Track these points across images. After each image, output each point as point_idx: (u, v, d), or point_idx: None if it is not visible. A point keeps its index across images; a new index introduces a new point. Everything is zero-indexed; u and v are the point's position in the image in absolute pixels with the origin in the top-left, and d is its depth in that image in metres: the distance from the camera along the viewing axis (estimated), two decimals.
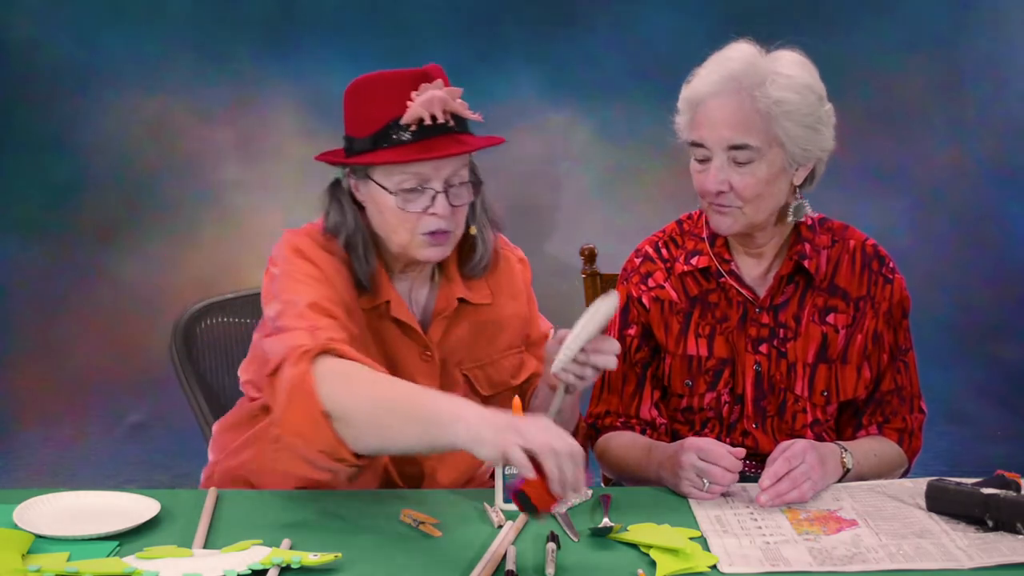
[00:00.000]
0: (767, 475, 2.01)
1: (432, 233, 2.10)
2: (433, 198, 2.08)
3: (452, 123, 2.08)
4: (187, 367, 2.56)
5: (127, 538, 1.86)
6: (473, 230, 2.21)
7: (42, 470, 4.52)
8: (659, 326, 2.29)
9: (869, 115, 5.47)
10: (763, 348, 2.24)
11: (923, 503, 1.96)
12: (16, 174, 5.45)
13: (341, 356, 1.93)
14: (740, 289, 2.25)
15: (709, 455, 2.00)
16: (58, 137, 5.46)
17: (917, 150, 5.59)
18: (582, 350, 1.99)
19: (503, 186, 5.32)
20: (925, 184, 5.57)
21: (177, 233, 5.46)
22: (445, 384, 2.21)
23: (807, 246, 2.23)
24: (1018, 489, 1.91)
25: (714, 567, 1.77)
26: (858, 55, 5.45)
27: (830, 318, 2.24)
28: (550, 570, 1.73)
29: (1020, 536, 1.84)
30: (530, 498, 1.69)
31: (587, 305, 2.67)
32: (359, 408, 1.89)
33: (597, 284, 2.68)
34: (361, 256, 2.13)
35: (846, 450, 2.15)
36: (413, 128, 2.06)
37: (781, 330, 2.24)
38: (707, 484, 2.00)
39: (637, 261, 2.35)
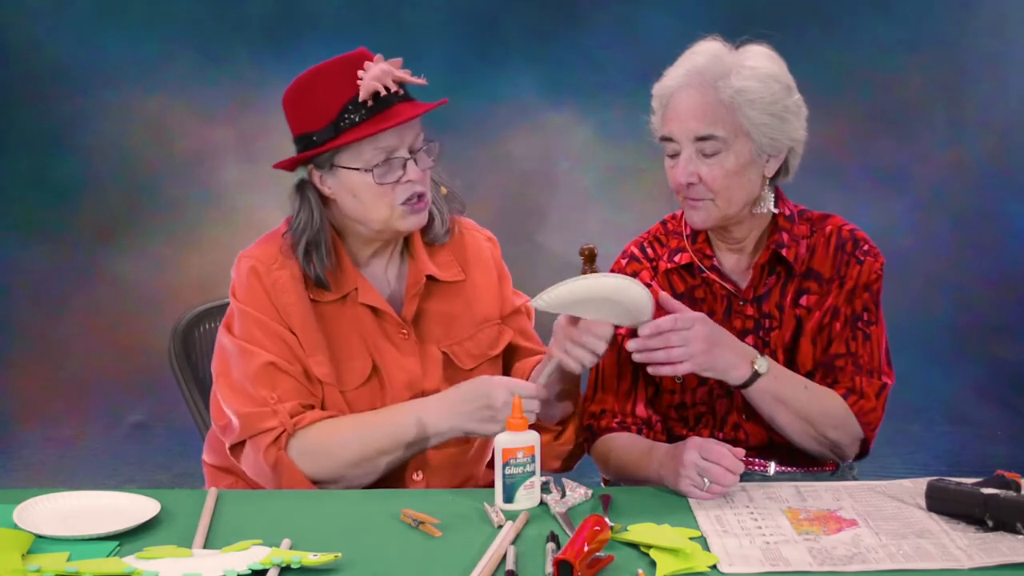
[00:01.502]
0: (649, 324, 2.07)
1: (409, 201, 2.18)
2: (404, 165, 2.17)
3: (401, 92, 2.18)
4: (186, 371, 2.57)
5: (127, 538, 1.86)
6: (444, 190, 2.30)
7: (42, 470, 4.52)
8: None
9: (869, 115, 5.47)
10: (749, 340, 2.25)
11: (923, 503, 1.96)
12: (16, 174, 5.45)
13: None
14: (723, 283, 2.26)
15: (711, 454, 2.00)
16: (58, 137, 5.46)
17: (917, 150, 5.59)
18: (577, 326, 2.10)
19: (503, 186, 5.37)
20: (925, 184, 5.57)
21: (177, 233, 5.46)
22: (424, 360, 2.28)
23: (785, 236, 2.25)
24: (1018, 489, 1.91)
25: (714, 567, 1.77)
26: (858, 55, 5.45)
27: (803, 300, 2.25)
28: (550, 570, 1.73)
29: (1020, 536, 1.84)
30: (572, 566, 1.70)
31: None
32: (344, 471, 2.15)
33: None
34: (323, 254, 2.21)
35: (762, 356, 2.14)
36: (370, 103, 2.14)
37: (766, 320, 2.25)
38: (707, 483, 2.00)
39: (623, 262, 2.37)
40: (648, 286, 2.31)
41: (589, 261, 2.70)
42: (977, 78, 5.61)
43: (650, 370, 2.12)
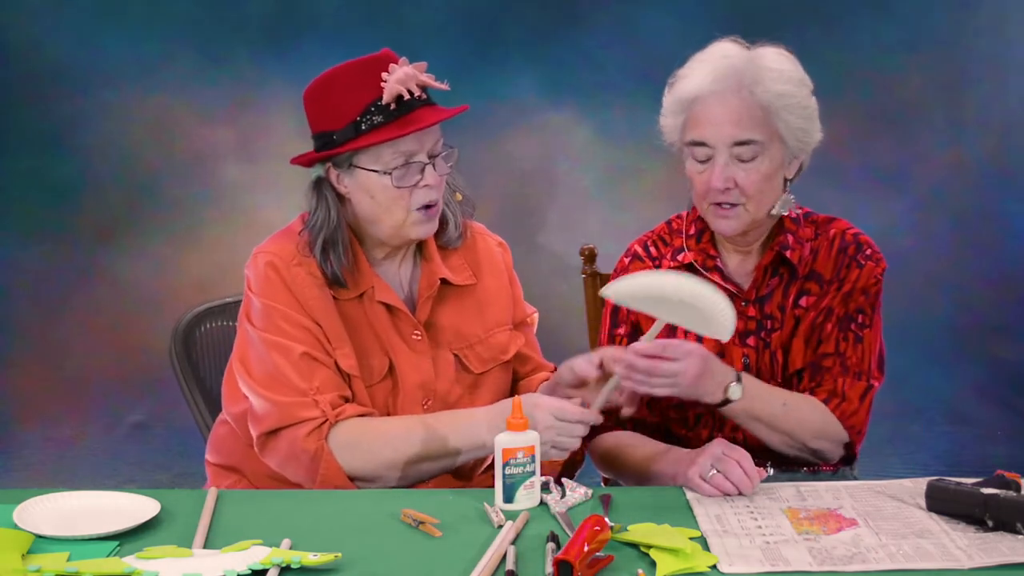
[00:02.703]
0: (638, 346, 2.05)
1: (424, 208, 2.18)
2: (422, 170, 2.17)
3: (424, 96, 2.18)
4: (187, 370, 2.57)
5: (127, 538, 1.86)
6: (459, 196, 2.30)
7: (42, 470, 4.52)
8: (648, 323, 2.29)
9: (869, 115, 5.47)
10: (750, 341, 2.25)
11: (923, 503, 1.96)
12: (16, 174, 5.45)
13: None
14: (724, 284, 2.26)
15: (734, 451, 2.03)
16: (58, 137, 5.46)
17: (917, 150, 5.59)
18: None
19: (503, 186, 5.37)
20: (925, 184, 5.57)
21: (177, 233, 5.46)
22: (436, 362, 2.28)
23: (790, 237, 2.25)
24: (1018, 489, 1.91)
25: (714, 567, 1.77)
26: (858, 55, 5.45)
27: (802, 301, 2.26)
28: (550, 570, 1.73)
29: (1020, 536, 1.84)
30: (572, 566, 1.70)
31: (586, 305, 2.68)
32: (383, 472, 2.14)
33: (597, 284, 2.68)
34: (340, 252, 2.20)
35: (739, 381, 2.13)
36: (392, 107, 2.14)
37: (768, 322, 2.26)
38: (712, 472, 2.00)
39: (626, 260, 2.37)
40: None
41: (589, 261, 2.71)
42: (977, 78, 5.60)
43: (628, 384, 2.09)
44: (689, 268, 2.29)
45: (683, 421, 2.30)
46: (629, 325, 2.32)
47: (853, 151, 5.24)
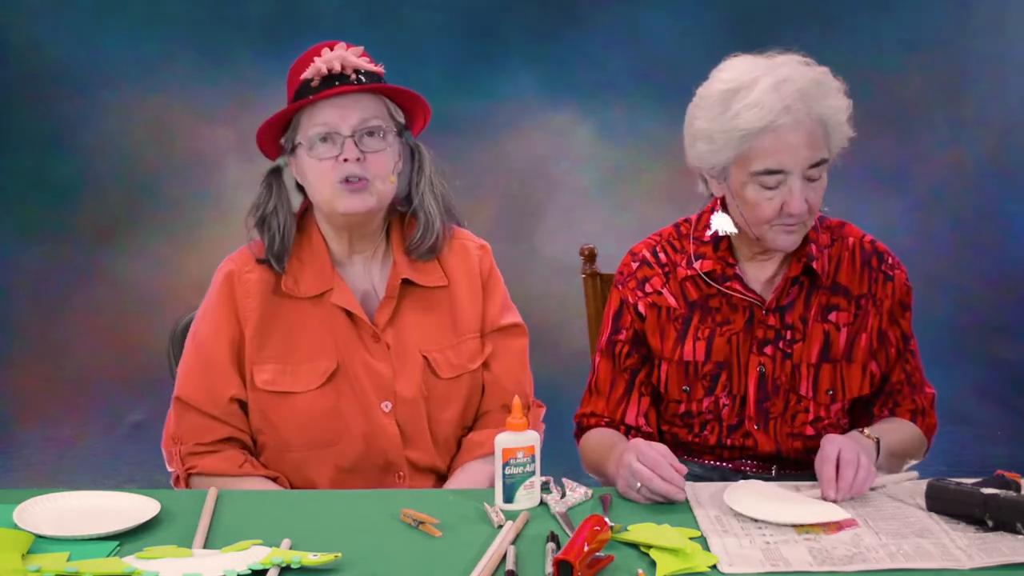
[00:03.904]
0: (832, 488, 1.98)
1: (347, 181, 2.19)
2: (342, 144, 2.19)
3: (362, 78, 2.20)
4: None
5: (127, 538, 1.86)
6: (392, 180, 2.25)
7: (42, 470, 4.52)
8: (654, 333, 2.28)
9: (869, 115, 5.43)
10: (768, 350, 2.23)
11: (923, 503, 1.96)
12: (16, 174, 5.45)
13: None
14: (746, 294, 2.24)
15: (646, 459, 1.98)
16: (58, 137, 5.46)
17: (917, 150, 5.58)
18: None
19: (503, 186, 5.36)
20: (925, 184, 5.56)
21: (177, 233, 5.46)
22: (400, 365, 2.26)
23: (813, 247, 2.24)
24: (1018, 489, 1.91)
25: (714, 567, 1.77)
26: (858, 55, 5.44)
27: (832, 316, 2.24)
28: (550, 570, 1.73)
29: (1020, 536, 1.84)
30: (572, 566, 1.70)
31: (586, 305, 2.68)
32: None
33: (597, 284, 2.68)
34: (275, 231, 2.26)
35: (860, 430, 2.14)
36: (315, 83, 2.19)
37: (788, 332, 2.24)
38: (639, 486, 1.98)
39: (634, 265, 2.33)
40: (655, 292, 2.30)
41: (589, 261, 2.71)
42: (977, 78, 5.60)
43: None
44: (708, 276, 2.26)
45: (689, 428, 2.29)
46: (630, 332, 2.31)
47: (853, 151, 5.20)
